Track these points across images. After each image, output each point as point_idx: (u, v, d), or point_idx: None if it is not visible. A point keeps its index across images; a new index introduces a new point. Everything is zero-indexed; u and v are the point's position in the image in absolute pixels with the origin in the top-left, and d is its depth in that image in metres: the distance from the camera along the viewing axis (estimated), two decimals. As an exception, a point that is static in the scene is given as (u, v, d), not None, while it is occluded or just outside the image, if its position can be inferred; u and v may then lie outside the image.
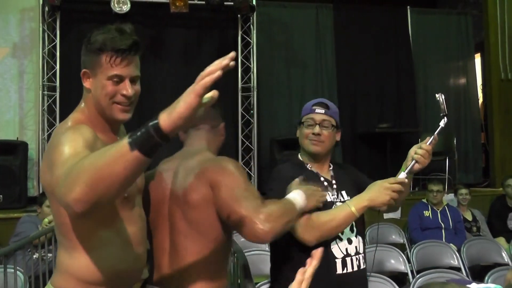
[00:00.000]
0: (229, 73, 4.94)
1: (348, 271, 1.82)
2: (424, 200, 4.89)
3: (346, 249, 1.84)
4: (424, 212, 4.75)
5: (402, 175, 1.82)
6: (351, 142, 6.61)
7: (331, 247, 1.80)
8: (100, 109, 1.44)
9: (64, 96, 5.72)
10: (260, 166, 6.14)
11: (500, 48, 6.62)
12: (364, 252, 1.92)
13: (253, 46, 6.13)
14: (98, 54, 1.38)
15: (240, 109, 6.14)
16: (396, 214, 5.20)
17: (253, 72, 6.14)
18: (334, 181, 1.95)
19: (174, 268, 1.59)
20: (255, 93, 6.13)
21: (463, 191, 5.15)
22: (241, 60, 6.14)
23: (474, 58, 7.42)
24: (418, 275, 3.10)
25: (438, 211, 4.74)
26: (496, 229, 5.00)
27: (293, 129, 7.31)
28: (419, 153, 1.79)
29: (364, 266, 1.91)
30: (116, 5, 5.41)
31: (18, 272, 2.87)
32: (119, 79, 1.38)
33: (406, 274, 3.71)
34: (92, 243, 1.37)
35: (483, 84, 7.25)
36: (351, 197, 1.86)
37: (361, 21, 6.88)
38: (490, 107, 6.83)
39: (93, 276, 1.38)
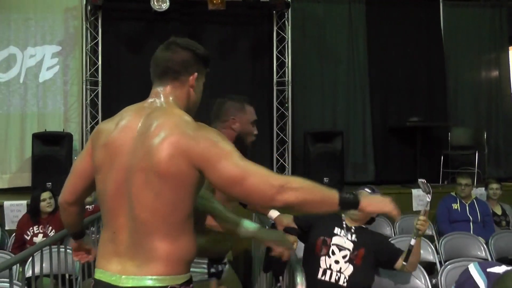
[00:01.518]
0: (264, 68, 5.23)
1: (325, 279, 2.60)
2: (453, 193, 4.98)
3: (330, 265, 2.61)
4: (453, 205, 4.85)
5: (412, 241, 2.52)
6: (382, 135, 6.70)
7: (321, 257, 2.62)
8: (192, 107, 1.66)
9: (105, 90, 6.04)
10: (294, 158, 6.34)
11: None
12: (350, 277, 2.60)
13: (287, 41, 6.28)
14: (207, 64, 1.67)
15: (275, 103, 6.33)
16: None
17: (287, 67, 6.29)
18: (353, 228, 2.75)
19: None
20: (289, 87, 6.29)
21: (494, 185, 5.19)
22: (276, 55, 6.32)
23: (507, 51, 7.36)
24: (446, 263, 3.25)
25: (467, 204, 4.84)
26: (522, 227, 5.06)
27: (326, 122, 7.48)
28: (418, 223, 2.49)
29: (345, 285, 2.59)
30: (155, 3, 5.60)
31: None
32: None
33: (435, 264, 3.85)
34: (189, 227, 1.52)
35: (517, 78, 7.21)
36: (358, 241, 2.70)
37: (393, 15, 6.92)
38: (523, 101, 6.84)
39: (192, 257, 1.54)
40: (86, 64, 6.01)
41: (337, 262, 2.61)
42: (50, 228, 4.28)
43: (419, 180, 2.54)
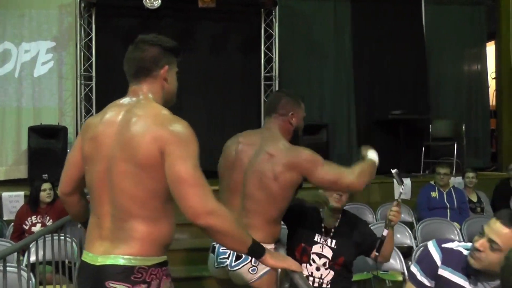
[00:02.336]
0: (253, 63, 5.49)
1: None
2: (432, 182, 5.24)
3: (312, 272, 2.62)
4: (432, 193, 5.10)
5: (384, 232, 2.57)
6: (366, 127, 6.92)
7: (302, 264, 2.58)
8: (169, 98, 1.78)
9: (99, 85, 6.17)
10: (282, 150, 6.53)
11: (511, 38, 6.87)
12: (332, 282, 2.60)
13: (275, 37, 6.44)
14: (177, 54, 1.77)
15: (263, 97, 6.49)
16: (407, 195, 5.60)
17: (275, 62, 6.46)
18: (332, 230, 2.68)
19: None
20: (276, 82, 6.46)
21: (470, 174, 5.45)
22: (264, 51, 6.49)
23: (486, 47, 7.65)
24: (419, 246, 3.52)
25: (445, 192, 5.09)
26: (499, 210, 5.32)
27: (313, 115, 7.69)
28: (391, 214, 2.51)
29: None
30: (147, 1, 5.71)
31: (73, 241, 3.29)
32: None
33: (412, 247, 4.08)
34: (169, 212, 1.63)
35: (496, 73, 7.49)
36: (337, 247, 2.63)
37: (377, 12, 7.12)
38: (500, 95, 7.12)
39: (168, 241, 1.65)
40: (80, 60, 6.12)
41: (318, 269, 2.62)
42: (48, 218, 4.39)
43: (392, 170, 2.63)
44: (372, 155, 2.44)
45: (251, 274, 2.24)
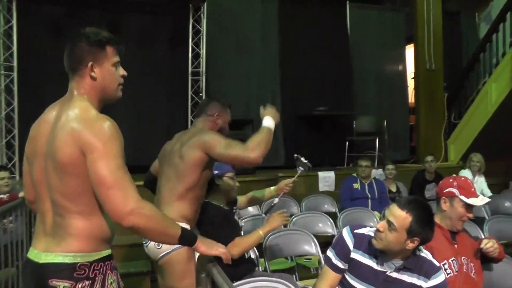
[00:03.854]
0: (181, 58, 5.46)
1: None
2: (354, 175, 5.48)
3: None
4: (354, 184, 5.34)
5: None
6: (292, 123, 7.06)
7: None
8: (105, 93, 1.70)
9: (22, 76, 5.86)
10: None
11: (426, 42, 7.33)
12: None
13: (203, 33, 6.42)
14: (104, 47, 1.67)
15: (190, 92, 6.48)
16: (330, 187, 5.84)
17: (202, 58, 6.45)
18: None
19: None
20: (203, 77, 6.47)
21: (390, 166, 5.81)
22: (192, 46, 6.47)
23: (405, 50, 8.15)
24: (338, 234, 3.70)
25: (366, 184, 5.35)
26: (416, 199, 5.71)
27: (239, 111, 7.73)
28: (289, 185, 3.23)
29: None
30: (74, -10, 5.60)
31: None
32: (118, 65, 1.72)
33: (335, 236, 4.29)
34: (97, 208, 1.61)
35: (415, 73, 7.89)
36: None
37: (304, 13, 7.33)
38: (417, 93, 7.57)
39: (107, 234, 1.65)
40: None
41: None
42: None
43: (294, 155, 3.15)
44: (267, 122, 2.58)
45: (157, 249, 2.43)
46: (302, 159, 3.25)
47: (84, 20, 4.23)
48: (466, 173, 5.86)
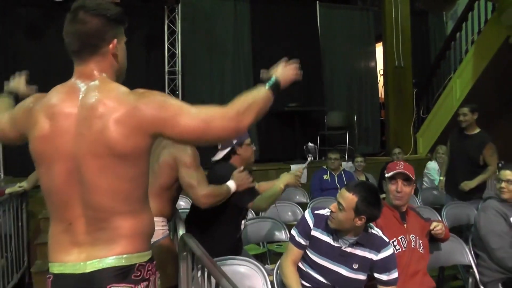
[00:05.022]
0: (156, 58, 5.66)
1: None
2: (325, 167, 5.72)
3: None
4: (324, 176, 5.57)
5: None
6: (265, 119, 7.15)
7: None
8: (120, 74, 1.55)
9: (1, 77, 5.93)
10: (184, 142, 6.74)
11: (395, 40, 7.59)
12: None
13: (178, 34, 6.62)
14: (121, 24, 1.52)
15: (167, 91, 6.64)
16: (303, 179, 6.03)
17: (178, 58, 6.65)
18: None
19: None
20: (179, 76, 6.66)
21: (359, 159, 6.08)
22: (168, 46, 6.66)
23: (374, 47, 8.43)
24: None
25: (335, 175, 5.58)
26: (383, 189, 5.98)
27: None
28: (298, 175, 2.96)
29: None
30: (54, -8, 5.47)
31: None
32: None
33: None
34: (147, 201, 1.53)
35: (384, 70, 8.18)
36: None
37: (275, 13, 7.53)
38: (386, 89, 7.83)
39: (153, 230, 1.55)
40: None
41: None
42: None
43: (304, 146, 3.29)
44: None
45: None
46: (310, 144, 3.32)
47: (62, 22, 4.28)
48: (432, 164, 6.16)
